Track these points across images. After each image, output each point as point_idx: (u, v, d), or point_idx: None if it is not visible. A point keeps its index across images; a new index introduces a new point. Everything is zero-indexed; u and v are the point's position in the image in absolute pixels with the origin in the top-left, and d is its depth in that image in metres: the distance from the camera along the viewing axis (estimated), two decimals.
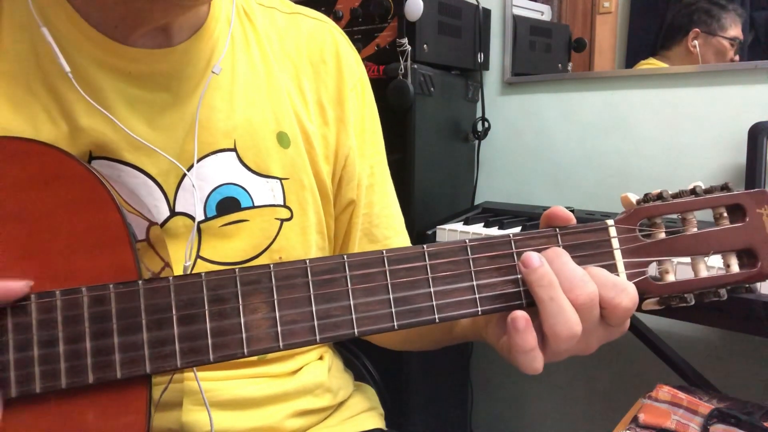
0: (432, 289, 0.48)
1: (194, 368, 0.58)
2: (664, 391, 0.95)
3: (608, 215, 1.26)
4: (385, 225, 0.74)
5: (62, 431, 0.45)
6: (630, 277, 0.49)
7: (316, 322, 0.46)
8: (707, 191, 0.50)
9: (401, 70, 1.25)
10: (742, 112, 1.26)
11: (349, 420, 0.74)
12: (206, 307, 0.45)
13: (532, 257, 0.47)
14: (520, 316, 0.46)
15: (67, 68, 0.52)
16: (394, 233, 0.75)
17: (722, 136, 1.30)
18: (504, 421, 1.74)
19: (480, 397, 1.71)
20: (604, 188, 1.46)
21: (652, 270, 0.50)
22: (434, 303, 0.47)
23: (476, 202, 1.58)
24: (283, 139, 0.64)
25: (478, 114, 1.55)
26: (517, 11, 1.56)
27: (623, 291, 0.46)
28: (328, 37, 0.69)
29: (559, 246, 0.49)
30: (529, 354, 0.46)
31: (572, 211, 1.41)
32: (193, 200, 0.59)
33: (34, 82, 0.54)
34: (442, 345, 0.70)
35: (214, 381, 0.62)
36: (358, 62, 0.72)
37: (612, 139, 1.45)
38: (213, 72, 0.59)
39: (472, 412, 1.69)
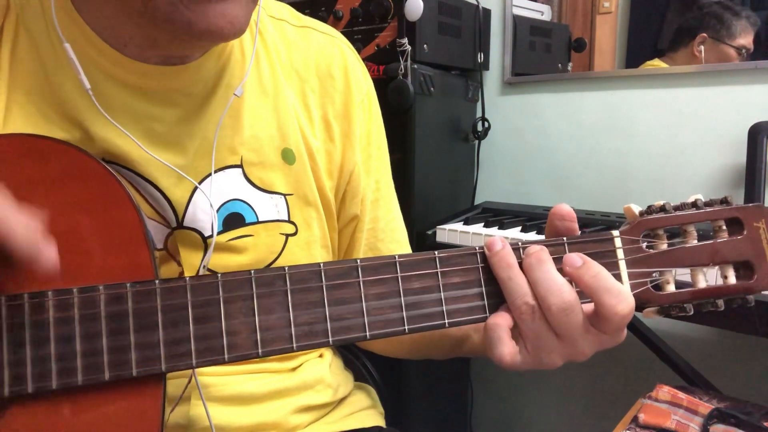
0: (443, 295, 0.49)
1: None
2: (664, 391, 0.95)
3: (608, 215, 1.26)
4: (389, 239, 0.74)
5: (77, 428, 0.45)
6: (633, 287, 0.50)
7: (329, 325, 0.47)
8: (707, 204, 0.51)
9: (401, 70, 1.25)
10: (742, 112, 1.27)
11: (349, 417, 0.74)
12: (221, 308, 0.46)
13: (495, 241, 0.49)
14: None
15: (88, 85, 0.52)
16: (398, 246, 0.76)
17: (722, 136, 1.30)
18: (504, 421, 1.75)
19: (480, 397, 1.72)
20: (604, 188, 1.47)
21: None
22: (444, 308, 0.49)
23: (476, 202, 1.58)
24: (288, 156, 0.64)
25: (478, 114, 1.55)
26: (517, 11, 1.56)
27: (624, 300, 0.47)
28: (337, 51, 0.69)
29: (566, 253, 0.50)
30: (497, 330, 0.48)
31: None
32: (201, 216, 0.59)
33: (46, 94, 0.54)
34: (449, 356, 0.70)
35: (216, 376, 0.63)
36: (366, 77, 0.72)
37: (612, 139, 1.45)
38: (235, 94, 0.59)
39: (472, 412, 1.70)
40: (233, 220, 0.61)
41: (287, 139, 0.64)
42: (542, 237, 0.52)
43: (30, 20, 0.55)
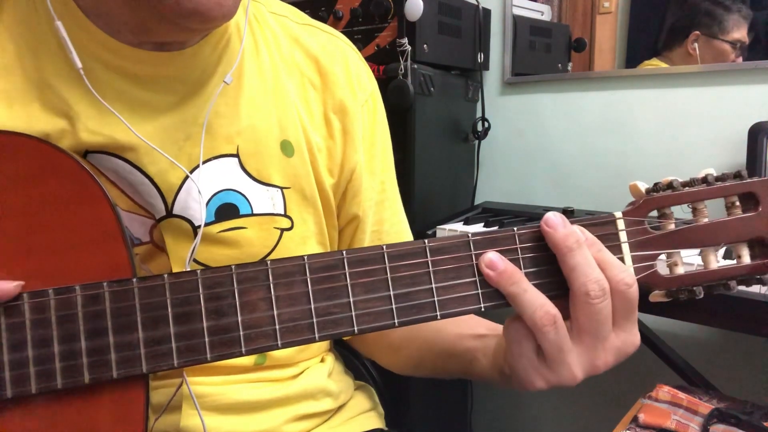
0: (434, 285, 0.47)
1: (185, 376, 0.58)
2: (664, 391, 0.94)
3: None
4: (394, 241, 0.73)
5: None
6: (638, 271, 0.48)
7: (315, 320, 0.45)
8: (719, 179, 0.48)
9: (401, 70, 1.25)
10: (742, 112, 1.26)
11: (349, 421, 0.74)
12: (202, 305, 0.45)
13: (495, 261, 0.47)
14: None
15: (79, 64, 0.52)
16: None
17: (722, 136, 1.30)
18: (504, 421, 1.74)
19: (480, 397, 1.71)
20: (604, 188, 1.46)
21: (661, 262, 0.49)
22: (436, 299, 0.47)
23: (476, 202, 1.58)
24: (286, 148, 0.63)
25: (478, 114, 1.55)
26: (517, 11, 1.56)
27: (625, 270, 0.46)
28: (340, 50, 0.69)
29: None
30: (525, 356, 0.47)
31: (572, 211, 1.40)
32: (192, 204, 0.58)
33: (31, 78, 0.53)
34: (458, 377, 0.68)
35: (215, 386, 0.62)
36: (370, 78, 0.71)
37: (612, 139, 1.45)
38: (225, 82, 0.58)
39: (472, 412, 1.69)
40: (226, 211, 0.60)
41: (287, 131, 0.63)
42: None
43: (20, 3, 0.54)
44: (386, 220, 0.73)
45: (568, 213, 1.30)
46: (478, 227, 1.26)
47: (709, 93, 1.32)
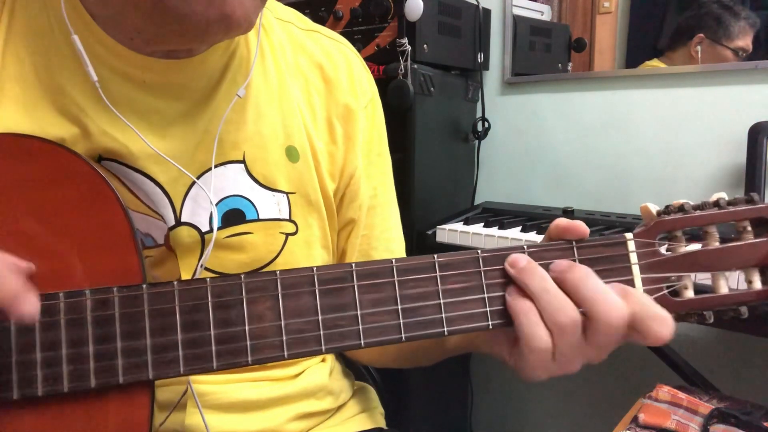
0: (442, 301, 0.46)
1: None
2: (664, 391, 0.95)
3: (608, 215, 1.27)
4: (383, 248, 0.73)
5: None
6: (648, 294, 0.47)
7: (322, 332, 0.45)
8: (731, 203, 0.48)
9: (401, 70, 1.25)
10: (742, 112, 1.26)
11: (349, 420, 0.74)
12: (211, 314, 0.45)
13: (519, 258, 0.47)
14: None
15: (95, 77, 0.52)
16: (391, 257, 0.74)
17: (722, 136, 1.30)
18: (504, 421, 1.75)
19: (480, 397, 1.72)
20: (604, 188, 1.46)
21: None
22: (444, 315, 0.46)
23: (476, 202, 1.58)
24: (292, 153, 0.63)
25: (478, 114, 1.55)
26: (517, 11, 1.56)
27: (669, 326, 0.45)
28: (343, 56, 0.69)
29: (575, 260, 0.48)
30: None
31: (572, 211, 1.40)
32: (200, 211, 0.58)
33: (46, 85, 0.54)
34: (434, 362, 0.69)
35: (217, 384, 0.62)
36: (371, 83, 0.72)
37: (612, 139, 1.45)
38: (237, 95, 0.58)
39: (472, 412, 1.69)
40: (233, 217, 0.60)
41: (291, 137, 0.63)
42: (542, 237, 0.50)
43: (33, 13, 0.54)
44: (376, 226, 0.73)
45: (569, 213, 1.31)
46: (478, 227, 1.26)
47: (709, 93, 1.32)
